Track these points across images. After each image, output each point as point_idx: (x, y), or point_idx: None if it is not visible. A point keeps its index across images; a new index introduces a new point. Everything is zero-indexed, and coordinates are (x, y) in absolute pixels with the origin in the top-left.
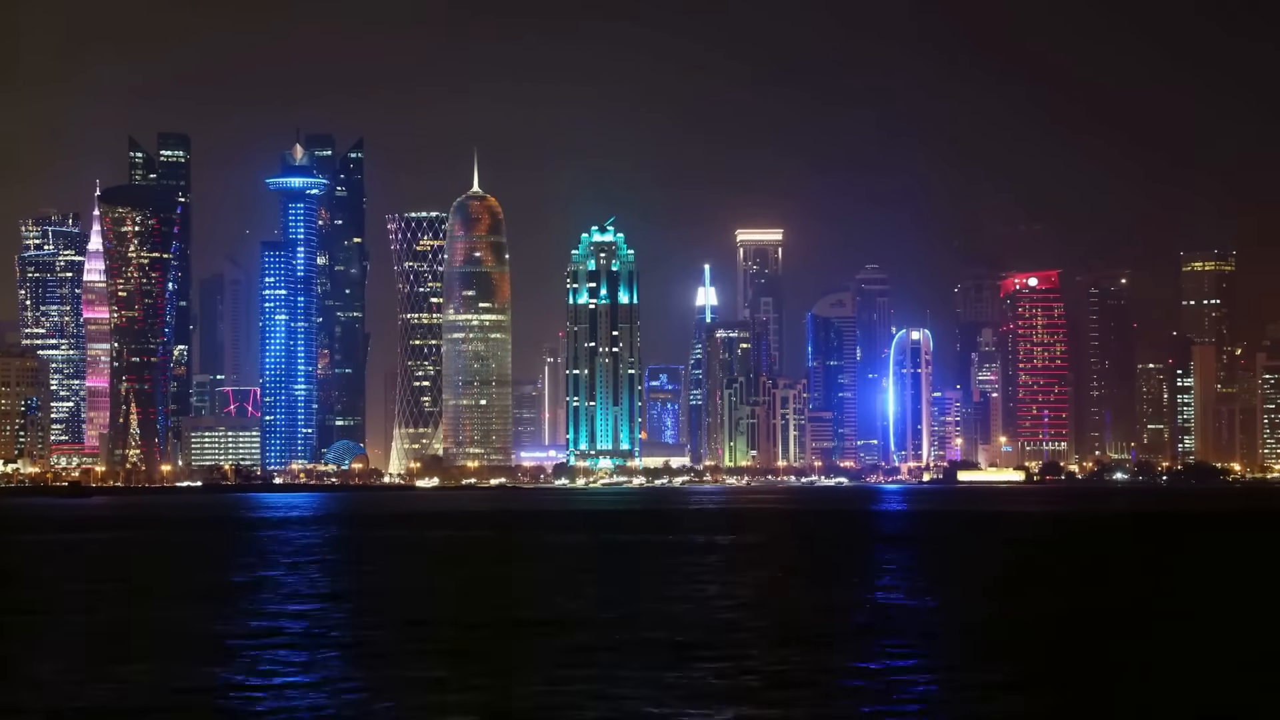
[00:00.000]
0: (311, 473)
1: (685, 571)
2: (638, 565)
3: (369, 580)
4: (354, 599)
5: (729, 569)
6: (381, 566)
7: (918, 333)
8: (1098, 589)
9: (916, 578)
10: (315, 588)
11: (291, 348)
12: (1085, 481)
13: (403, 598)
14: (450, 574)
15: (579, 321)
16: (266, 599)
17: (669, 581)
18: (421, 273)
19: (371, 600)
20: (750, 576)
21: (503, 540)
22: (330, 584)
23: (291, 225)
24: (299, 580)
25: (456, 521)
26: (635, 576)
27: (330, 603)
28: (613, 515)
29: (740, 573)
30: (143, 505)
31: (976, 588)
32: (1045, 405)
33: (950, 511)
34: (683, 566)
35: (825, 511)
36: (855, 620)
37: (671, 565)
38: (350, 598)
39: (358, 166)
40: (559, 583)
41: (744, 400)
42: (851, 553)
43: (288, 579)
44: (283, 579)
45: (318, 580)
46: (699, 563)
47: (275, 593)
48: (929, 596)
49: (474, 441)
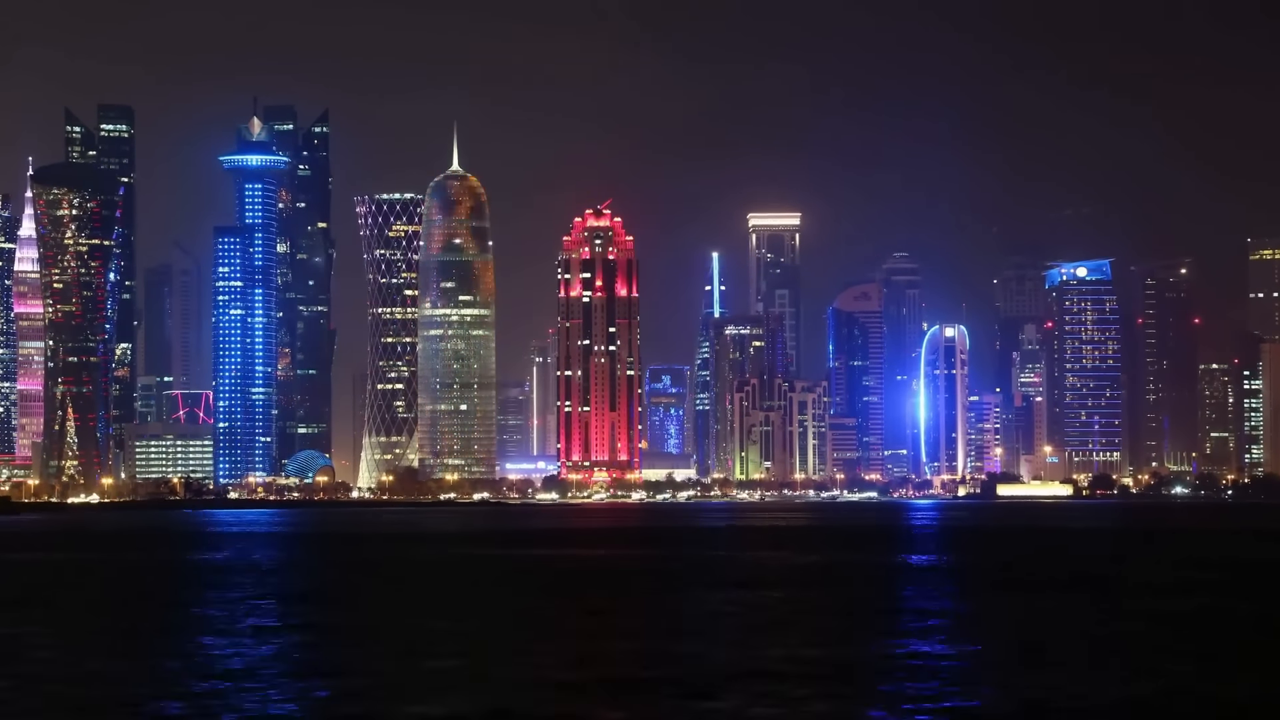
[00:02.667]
0: (270, 487)
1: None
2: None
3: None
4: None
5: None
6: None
7: (952, 329)
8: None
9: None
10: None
11: (248, 346)
12: (1141, 496)
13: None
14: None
15: (571, 317)
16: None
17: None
18: (394, 262)
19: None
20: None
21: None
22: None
23: (248, 208)
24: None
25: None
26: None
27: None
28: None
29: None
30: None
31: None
32: (1095, 411)
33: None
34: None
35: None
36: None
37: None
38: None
39: (323, 142)
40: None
41: (757, 405)
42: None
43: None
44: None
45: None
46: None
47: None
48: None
49: (453, 452)
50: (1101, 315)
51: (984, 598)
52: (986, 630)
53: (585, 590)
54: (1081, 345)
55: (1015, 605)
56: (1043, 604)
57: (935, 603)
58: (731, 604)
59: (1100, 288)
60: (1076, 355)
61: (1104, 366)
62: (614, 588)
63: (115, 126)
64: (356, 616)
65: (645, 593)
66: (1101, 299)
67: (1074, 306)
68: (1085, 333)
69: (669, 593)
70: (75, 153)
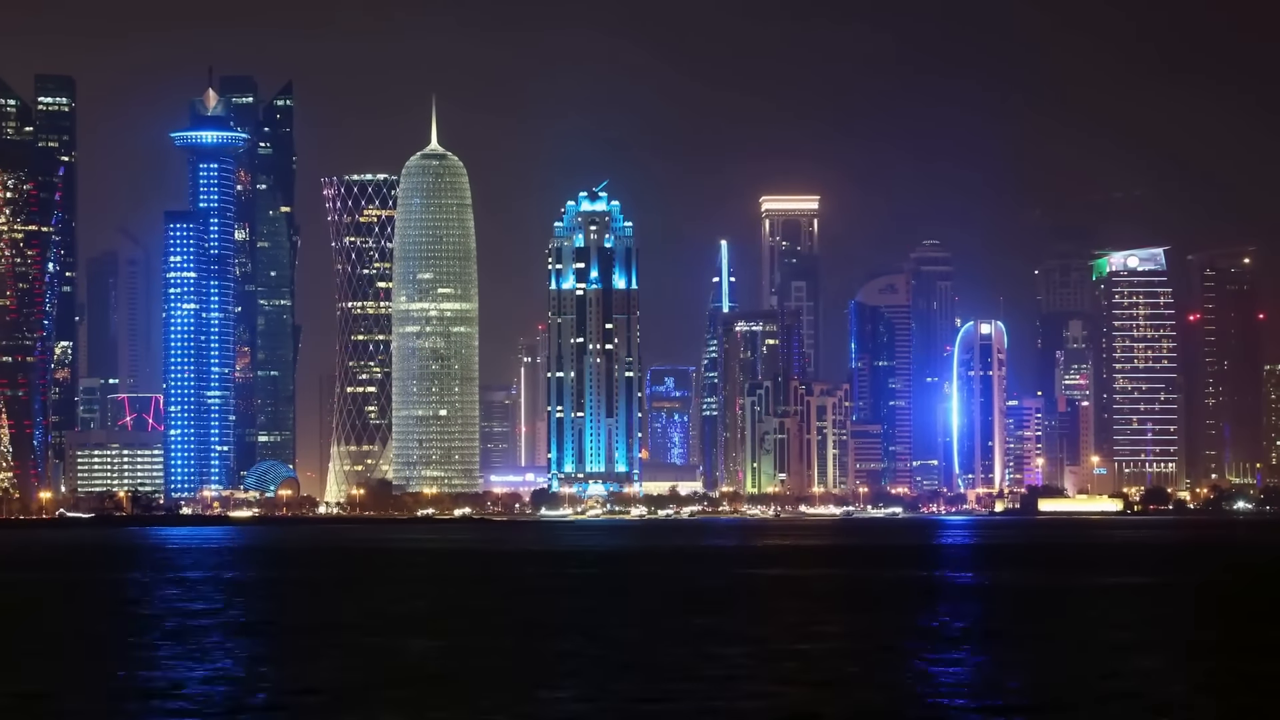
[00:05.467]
0: (228, 501)
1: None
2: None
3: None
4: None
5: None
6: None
7: (988, 325)
8: None
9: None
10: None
11: (202, 345)
12: (1199, 512)
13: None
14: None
15: (563, 312)
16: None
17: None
18: (366, 250)
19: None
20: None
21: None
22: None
23: (202, 191)
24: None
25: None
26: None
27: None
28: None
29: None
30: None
31: None
32: (1148, 417)
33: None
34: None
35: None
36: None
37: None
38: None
39: (286, 117)
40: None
41: (770, 411)
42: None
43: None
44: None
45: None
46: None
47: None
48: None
49: (431, 462)
50: (1155, 310)
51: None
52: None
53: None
54: (1133, 344)
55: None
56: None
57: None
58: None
59: (1154, 279)
60: (1127, 355)
61: (1158, 367)
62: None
63: (54, 99)
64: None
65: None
66: (1155, 292)
67: (1125, 300)
68: (1137, 329)
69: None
70: (9, 129)
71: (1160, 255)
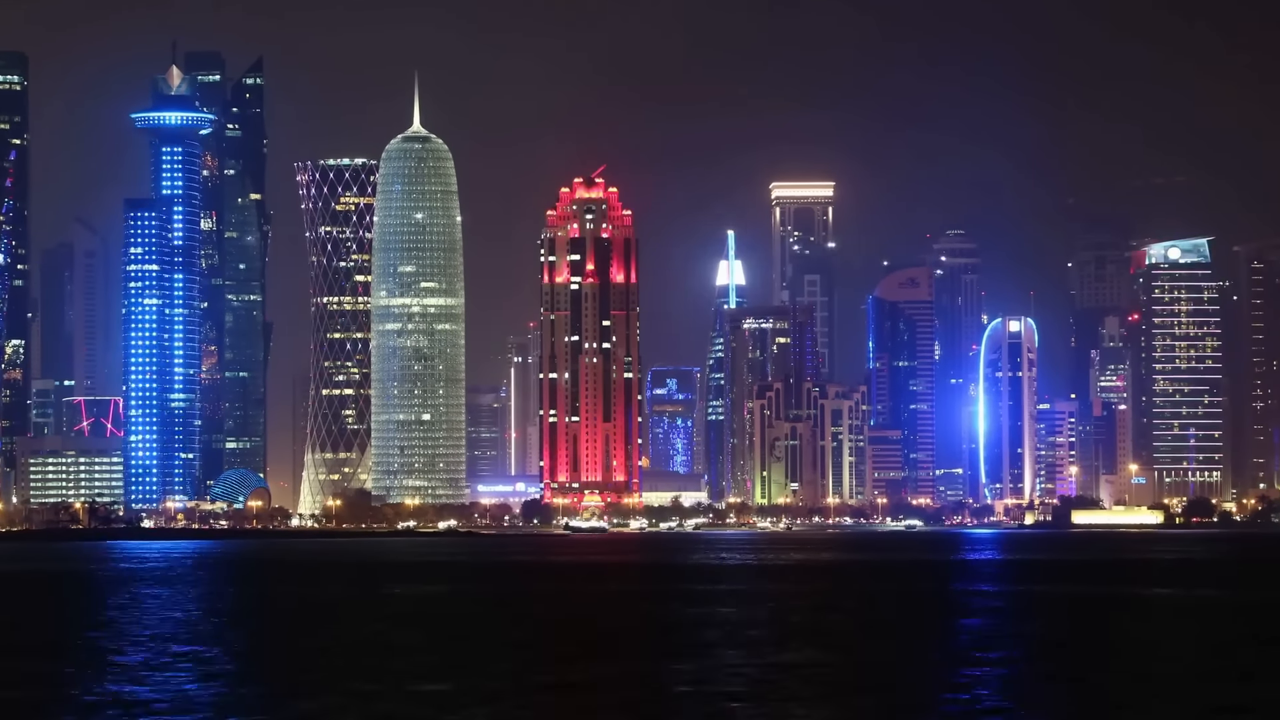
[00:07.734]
0: (193, 513)
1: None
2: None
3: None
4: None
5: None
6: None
7: (1017, 323)
8: None
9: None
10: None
11: (166, 344)
12: (1246, 525)
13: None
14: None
15: (557, 308)
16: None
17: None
18: (343, 241)
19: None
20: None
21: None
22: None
23: (165, 176)
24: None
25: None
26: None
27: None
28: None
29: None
30: None
31: None
32: (1191, 421)
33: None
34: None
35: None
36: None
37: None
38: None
39: (256, 97)
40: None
41: (781, 415)
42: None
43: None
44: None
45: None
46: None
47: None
48: None
49: (413, 471)
50: (1199, 305)
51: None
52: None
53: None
54: (1174, 342)
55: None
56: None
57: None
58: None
59: (1197, 272)
60: (1168, 354)
61: (1201, 368)
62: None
63: (5, 77)
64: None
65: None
66: (1199, 286)
67: (1166, 295)
68: (1179, 327)
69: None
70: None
71: (1204, 246)
